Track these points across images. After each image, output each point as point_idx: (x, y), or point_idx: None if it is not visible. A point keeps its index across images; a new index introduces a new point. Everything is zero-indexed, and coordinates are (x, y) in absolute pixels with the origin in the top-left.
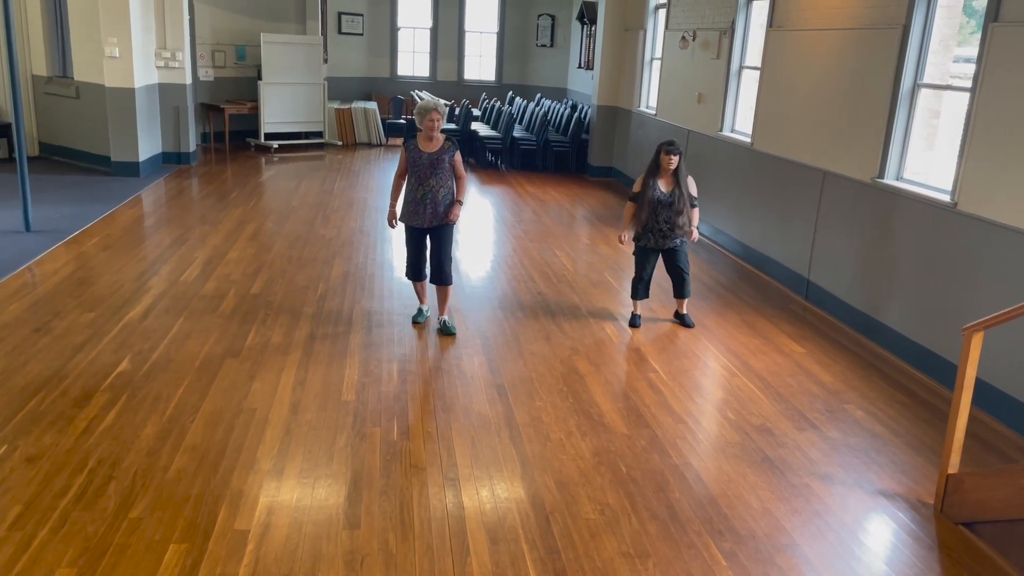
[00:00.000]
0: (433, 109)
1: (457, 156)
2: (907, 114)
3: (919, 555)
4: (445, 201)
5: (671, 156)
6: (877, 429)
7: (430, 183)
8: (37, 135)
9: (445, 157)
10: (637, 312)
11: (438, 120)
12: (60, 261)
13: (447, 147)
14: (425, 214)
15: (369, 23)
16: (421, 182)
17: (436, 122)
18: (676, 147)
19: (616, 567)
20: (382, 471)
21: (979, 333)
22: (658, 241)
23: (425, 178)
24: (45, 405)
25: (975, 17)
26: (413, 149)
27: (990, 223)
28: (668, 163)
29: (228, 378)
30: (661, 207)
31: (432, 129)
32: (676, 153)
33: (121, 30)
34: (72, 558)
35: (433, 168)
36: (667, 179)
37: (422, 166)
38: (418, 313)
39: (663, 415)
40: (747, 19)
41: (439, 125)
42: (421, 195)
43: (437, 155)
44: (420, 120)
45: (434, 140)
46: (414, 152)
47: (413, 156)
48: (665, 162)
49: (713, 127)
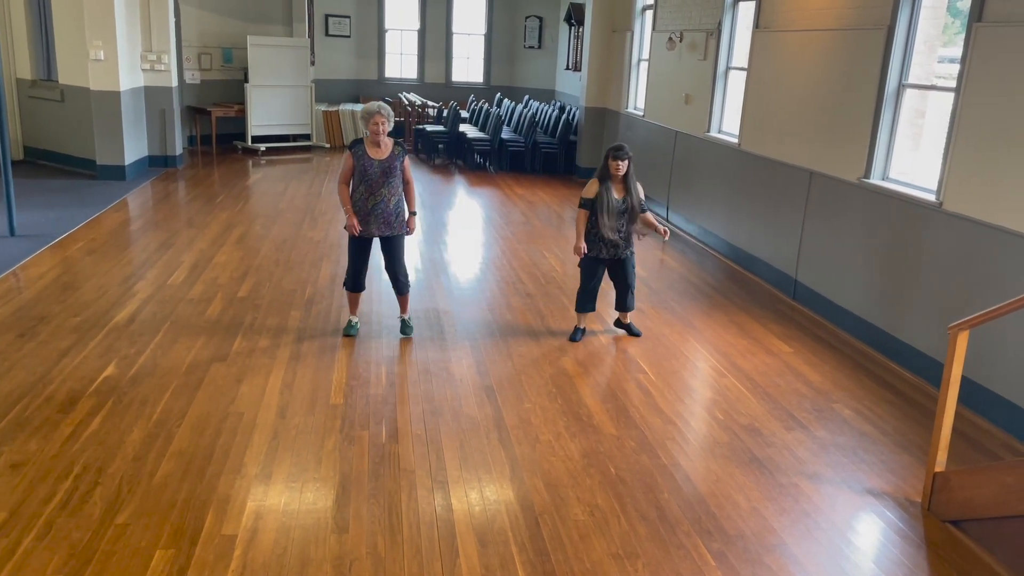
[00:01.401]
0: (376, 112)
1: (407, 161)
2: (892, 114)
3: (907, 553)
4: (396, 211)
5: (619, 161)
6: (865, 428)
7: (382, 192)
8: (21, 139)
9: (396, 164)
10: (581, 326)
11: (382, 124)
12: (45, 266)
13: (397, 152)
14: (377, 224)
15: (356, 25)
16: (372, 191)
17: (380, 126)
18: (625, 151)
19: (605, 568)
20: (370, 474)
21: (965, 331)
22: (610, 251)
23: (376, 187)
24: (30, 411)
25: (959, 17)
26: (361, 156)
27: (975, 222)
28: (616, 169)
29: (215, 382)
30: (611, 216)
31: (377, 134)
32: (624, 158)
33: (106, 32)
34: (57, 565)
35: (385, 177)
36: (618, 185)
37: (373, 175)
38: (349, 326)
39: (652, 416)
40: (733, 20)
41: (384, 129)
42: (372, 205)
43: (388, 162)
44: (364, 124)
45: (382, 146)
46: (363, 159)
47: (363, 164)
48: (613, 168)
49: (700, 128)
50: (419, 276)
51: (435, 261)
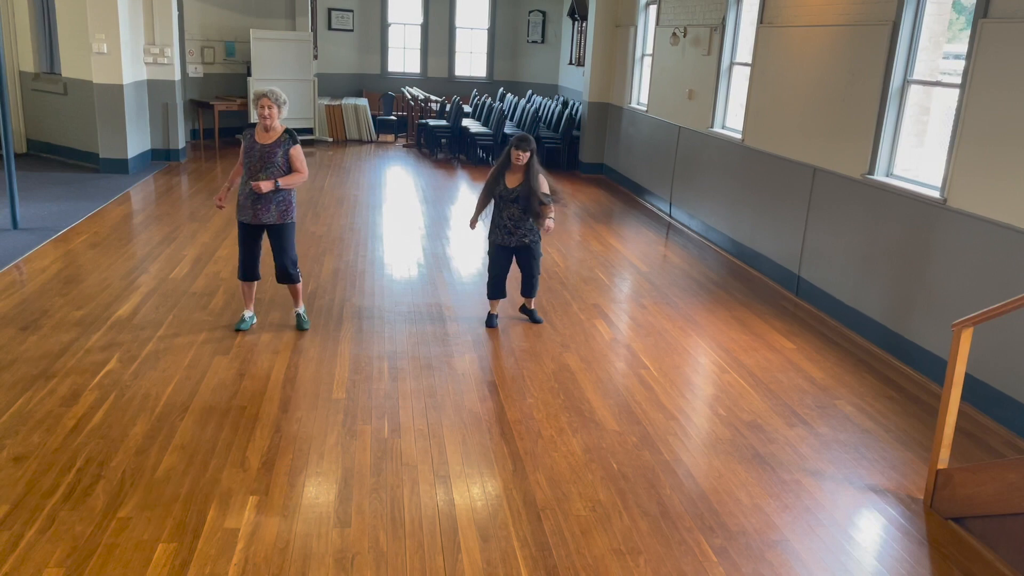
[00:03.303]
0: (263, 95)
1: (295, 150)
2: (897, 110)
3: (909, 550)
4: (278, 199)
5: (519, 152)
6: (867, 425)
7: (260, 177)
8: (24, 132)
9: (279, 151)
10: (494, 312)
11: (268, 107)
12: (48, 259)
13: (283, 139)
14: (252, 209)
15: (359, 19)
16: (251, 175)
17: (267, 109)
18: (528, 143)
19: (607, 564)
20: (373, 469)
21: (968, 329)
22: (505, 238)
23: (254, 172)
24: (33, 404)
25: (964, 13)
26: (249, 139)
27: (979, 219)
28: (516, 159)
29: (217, 376)
30: (504, 204)
31: (264, 118)
32: (526, 150)
33: (109, 26)
34: (60, 558)
35: (263, 162)
36: (516, 175)
37: (253, 159)
38: (241, 320)
39: (654, 412)
40: (738, 15)
41: (271, 114)
42: (249, 190)
43: (270, 148)
44: (255, 106)
45: (270, 131)
46: (250, 142)
47: (248, 146)
48: (514, 157)
49: (704, 123)
50: (421, 271)
51: (437, 256)
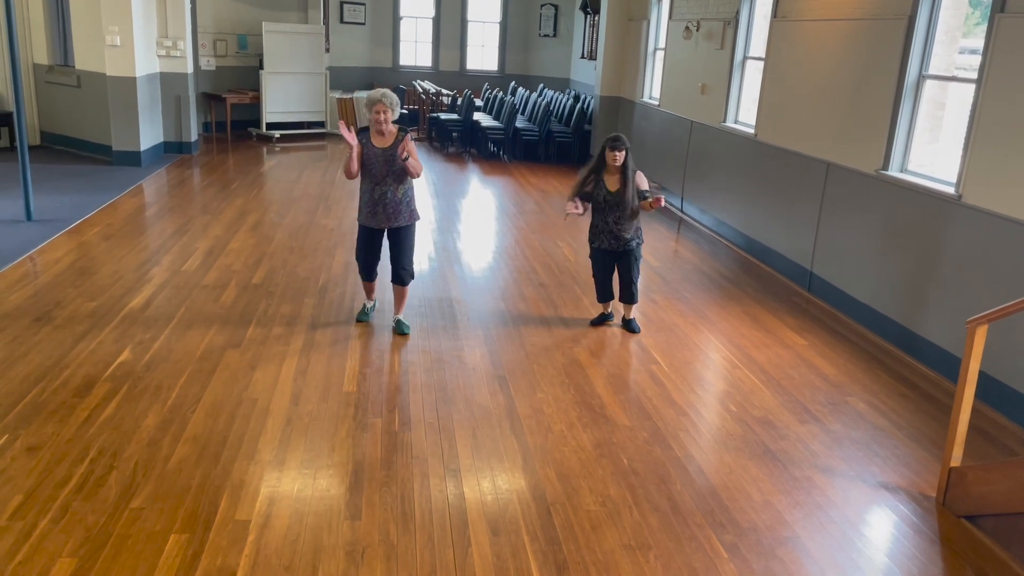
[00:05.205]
0: (378, 100)
1: (406, 139)
2: (912, 106)
3: (921, 548)
4: (404, 201)
5: (615, 152)
6: (879, 422)
7: (387, 182)
8: (38, 124)
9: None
10: (607, 312)
11: (383, 113)
12: (61, 251)
13: (400, 138)
14: (384, 216)
15: (371, 12)
16: (377, 182)
17: (382, 114)
18: (622, 142)
19: (617, 559)
20: (383, 462)
21: (983, 326)
22: (611, 243)
23: (381, 177)
24: (46, 395)
25: (980, 8)
26: (366, 144)
27: (995, 216)
28: (613, 160)
29: (229, 368)
30: (608, 208)
31: (379, 123)
32: (621, 149)
33: (123, 18)
34: (73, 548)
35: (388, 166)
36: (615, 177)
37: (376, 165)
38: (362, 311)
39: (665, 407)
40: (751, 9)
41: (387, 118)
42: (378, 196)
43: (391, 150)
44: (368, 112)
45: (386, 134)
46: (369, 148)
47: (367, 153)
48: (610, 159)
49: (717, 118)
50: (432, 265)
51: (448, 250)
